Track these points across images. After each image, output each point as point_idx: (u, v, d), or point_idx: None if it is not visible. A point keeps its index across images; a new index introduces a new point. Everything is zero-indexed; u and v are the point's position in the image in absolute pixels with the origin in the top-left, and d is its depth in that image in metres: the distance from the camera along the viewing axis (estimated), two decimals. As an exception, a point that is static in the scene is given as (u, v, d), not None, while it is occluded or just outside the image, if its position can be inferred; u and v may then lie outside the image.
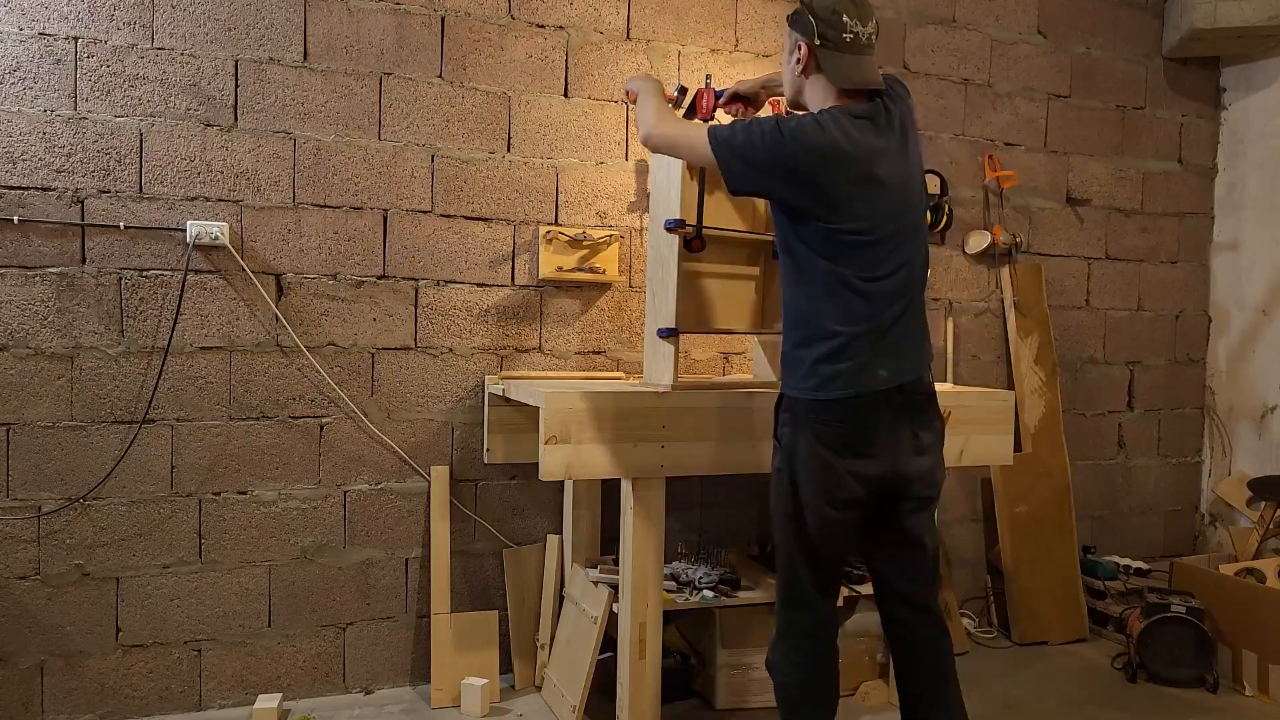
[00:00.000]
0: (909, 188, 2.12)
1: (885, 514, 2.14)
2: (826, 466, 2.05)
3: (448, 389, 3.06)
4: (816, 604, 2.17)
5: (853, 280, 2.04)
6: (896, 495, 2.11)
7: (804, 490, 2.08)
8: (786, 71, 2.19)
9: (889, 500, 2.12)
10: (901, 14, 3.63)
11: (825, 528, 2.09)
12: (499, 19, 3.08)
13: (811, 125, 2.01)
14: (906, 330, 2.10)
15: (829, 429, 2.04)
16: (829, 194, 2.02)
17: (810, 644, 2.18)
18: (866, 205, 2.03)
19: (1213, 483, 4.19)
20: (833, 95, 2.09)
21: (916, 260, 2.13)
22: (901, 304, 2.08)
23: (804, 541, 2.12)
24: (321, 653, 2.96)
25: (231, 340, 2.84)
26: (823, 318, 2.06)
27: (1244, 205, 4.10)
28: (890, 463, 2.07)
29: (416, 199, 3.01)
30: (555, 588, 3.06)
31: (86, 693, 2.72)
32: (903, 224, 2.09)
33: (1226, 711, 3.03)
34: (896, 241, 2.07)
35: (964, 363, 3.76)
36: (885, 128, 2.07)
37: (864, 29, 2.05)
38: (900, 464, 2.08)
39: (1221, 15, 3.75)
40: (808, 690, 2.16)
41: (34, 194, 2.64)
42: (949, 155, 3.72)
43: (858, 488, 2.06)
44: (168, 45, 2.74)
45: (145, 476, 2.76)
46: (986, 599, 3.78)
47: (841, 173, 2.01)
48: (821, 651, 2.18)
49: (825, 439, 2.05)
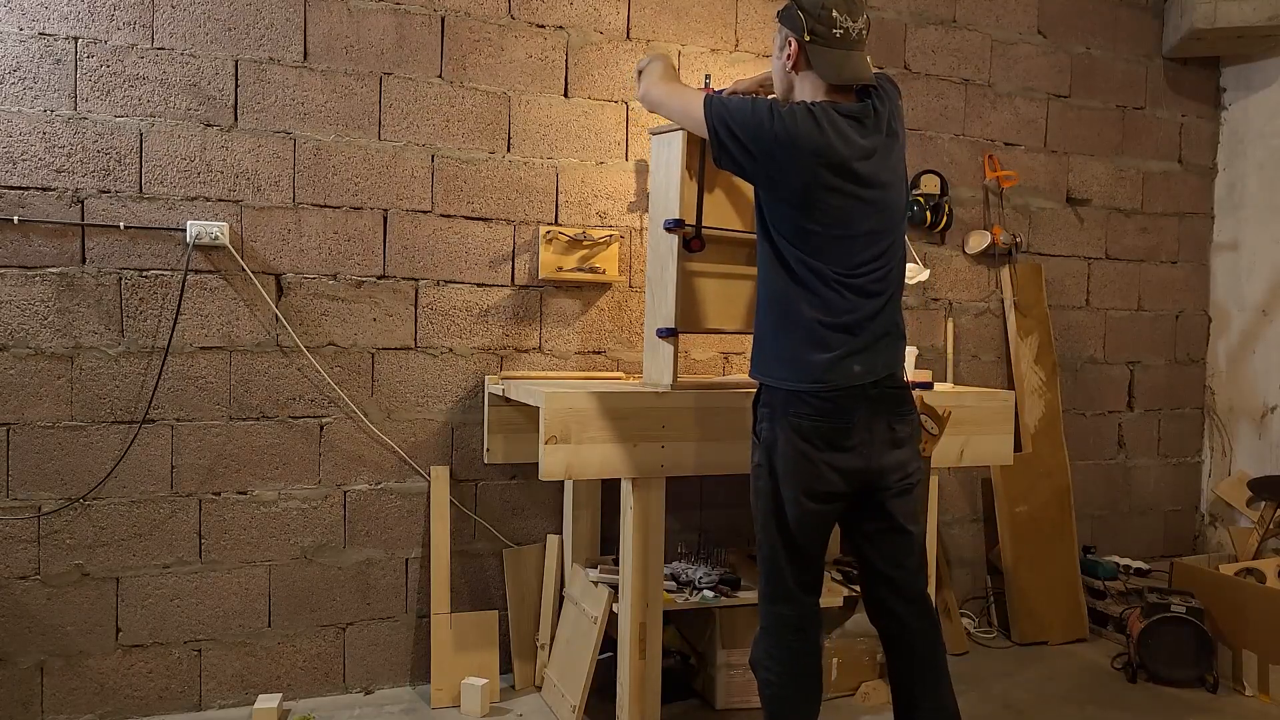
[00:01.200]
0: (890, 187, 2.13)
1: (867, 504, 2.15)
2: (805, 459, 2.06)
3: (448, 389, 3.06)
4: (799, 599, 2.17)
5: (828, 274, 2.06)
6: (875, 487, 2.13)
7: (784, 484, 2.09)
8: (776, 67, 2.20)
9: (869, 491, 2.13)
10: (901, 14, 3.63)
11: (805, 521, 2.10)
12: (499, 19, 3.08)
13: (804, 117, 2.02)
14: (882, 327, 2.11)
15: (807, 422, 2.06)
16: (807, 188, 2.03)
17: (794, 639, 2.17)
18: (844, 202, 2.05)
19: (1213, 483, 4.19)
20: (822, 90, 2.11)
21: (894, 258, 2.15)
22: (878, 301, 2.10)
23: (785, 535, 2.13)
24: (321, 653, 2.96)
25: (231, 340, 2.84)
26: (799, 306, 2.08)
27: (1244, 205, 4.10)
28: (867, 456, 2.08)
29: (416, 199, 3.01)
30: (555, 588, 3.06)
31: (86, 693, 2.72)
32: (881, 223, 2.10)
33: (1226, 711, 3.03)
34: (874, 239, 2.09)
35: (964, 363, 3.76)
36: (873, 129, 2.08)
37: (854, 24, 2.06)
38: (877, 458, 2.09)
39: (1221, 15, 3.75)
40: (792, 687, 2.15)
41: (34, 194, 2.64)
42: (949, 155, 3.72)
43: (837, 480, 2.08)
44: (168, 45, 2.75)
45: (145, 476, 2.76)
46: (986, 599, 3.78)
47: (824, 169, 2.02)
48: (806, 648, 2.18)
49: (803, 432, 2.06)
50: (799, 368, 2.07)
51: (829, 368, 2.05)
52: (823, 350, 2.05)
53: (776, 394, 2.12)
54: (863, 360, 2.07)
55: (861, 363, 2.07)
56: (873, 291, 2.09)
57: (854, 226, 2.06)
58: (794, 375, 2.08)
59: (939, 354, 3.65)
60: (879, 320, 2.10)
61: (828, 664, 2.99)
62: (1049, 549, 3.66)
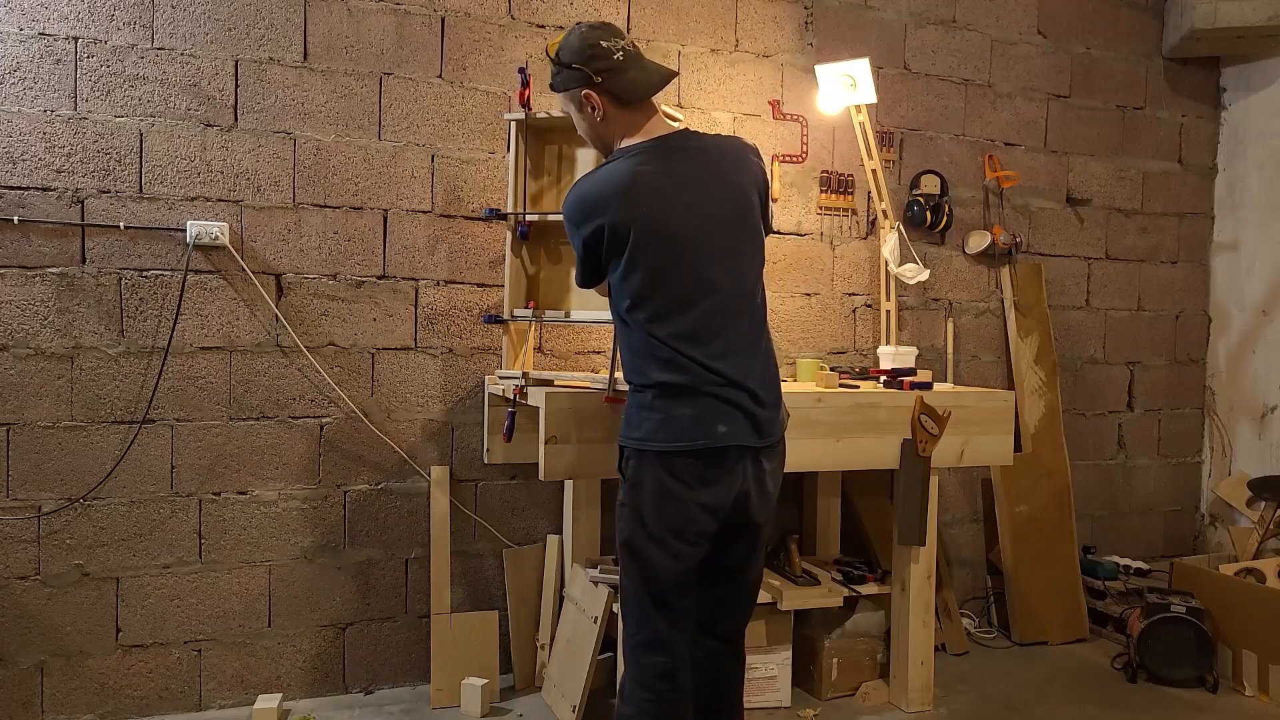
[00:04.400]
0: (714, 218, 1.95)
1: (719, 546, 2.04)
2: (675, 499, 1.92)
3: (448, 389, 3.06)
4: (669, 644, 2.00)
5: (665, 338, 1.91)
6: (737, 524, 2.02)
7: (650, 524, 1.94)
8: (589, 131, 2.06)
9: (729, 530, 2.02)
10: (901, 14, 3.63)
11: (673, 562, 1.96)
12: (499, 19, 3.08)
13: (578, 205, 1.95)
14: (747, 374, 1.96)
15: (678, 459, 1.91)
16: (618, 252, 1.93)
17: (667, 689, 2.00)
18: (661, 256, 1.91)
19: (1213, 483, 4.19)
20: (637, 122, 1.98)
21: (737, 291, 1.97)
22: (727, 345, 1.94)
23: (648, 578, 1.97)
24: (321, 653, 2.96)
25: (231, 340, 2.84)
26: (647, 365, 1.95)
27: (1244, 205, 4.10)
28: (735, 489, 1.96)
29: (416, 199, 3.01)
30: (555, 588, 3.06)
31: (86, 693, 2.72)
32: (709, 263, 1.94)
33: (1226, 711, 3.03)
34: (698, 286, 1.93)
35: (964, 363, 3.77)
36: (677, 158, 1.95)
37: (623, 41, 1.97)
38: (745, 488, 1.97)
39: (1221, 15, 3.76)
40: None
41: (34, 194, 2.64)
42: (949, 155, 3.72)
43: (707, 519, 1.95)
44: (168, 45, 2.75)
45: (145, 476, 2.76)
46: (986, 599, 3.78)
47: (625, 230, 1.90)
48: (681, 697, 2.01)
49: (673, 470, 1.91)
50: (654, 425, 1.98)
51: (689, 426, 1.95)
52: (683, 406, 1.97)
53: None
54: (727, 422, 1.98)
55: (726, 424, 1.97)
56: (717, 338, 1.98)
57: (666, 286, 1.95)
58: (652, 433, 1.97)
59: (939, 354, 3.65)
60: (737, 365, 2.00)
61: (828, 664, 2.99)
62: (1049, 549, 3.66)
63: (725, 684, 2.16)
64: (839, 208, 3.56)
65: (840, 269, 3.56)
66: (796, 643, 2.99)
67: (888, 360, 3.28)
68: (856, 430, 2.75)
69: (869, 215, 3.60)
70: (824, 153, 3.53)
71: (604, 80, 1.94)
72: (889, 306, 3.50)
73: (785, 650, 2.95)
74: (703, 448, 1.91)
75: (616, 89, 1.95)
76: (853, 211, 3.58)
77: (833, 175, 3.54)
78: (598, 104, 1.97)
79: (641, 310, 1.94)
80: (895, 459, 2.82)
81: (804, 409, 2.65)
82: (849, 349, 3.59)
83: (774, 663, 2.93)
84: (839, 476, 3.40)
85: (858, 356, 3.58)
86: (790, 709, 2.93)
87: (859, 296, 3.60)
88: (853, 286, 3.59)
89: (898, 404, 2.80)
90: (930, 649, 2.96)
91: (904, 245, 3.39)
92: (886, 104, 3.59)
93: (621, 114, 1.98)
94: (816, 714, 2.90)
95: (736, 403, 1.94)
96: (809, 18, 3.49)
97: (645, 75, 1.98)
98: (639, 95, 1.97)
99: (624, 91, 1.95)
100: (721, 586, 2.11)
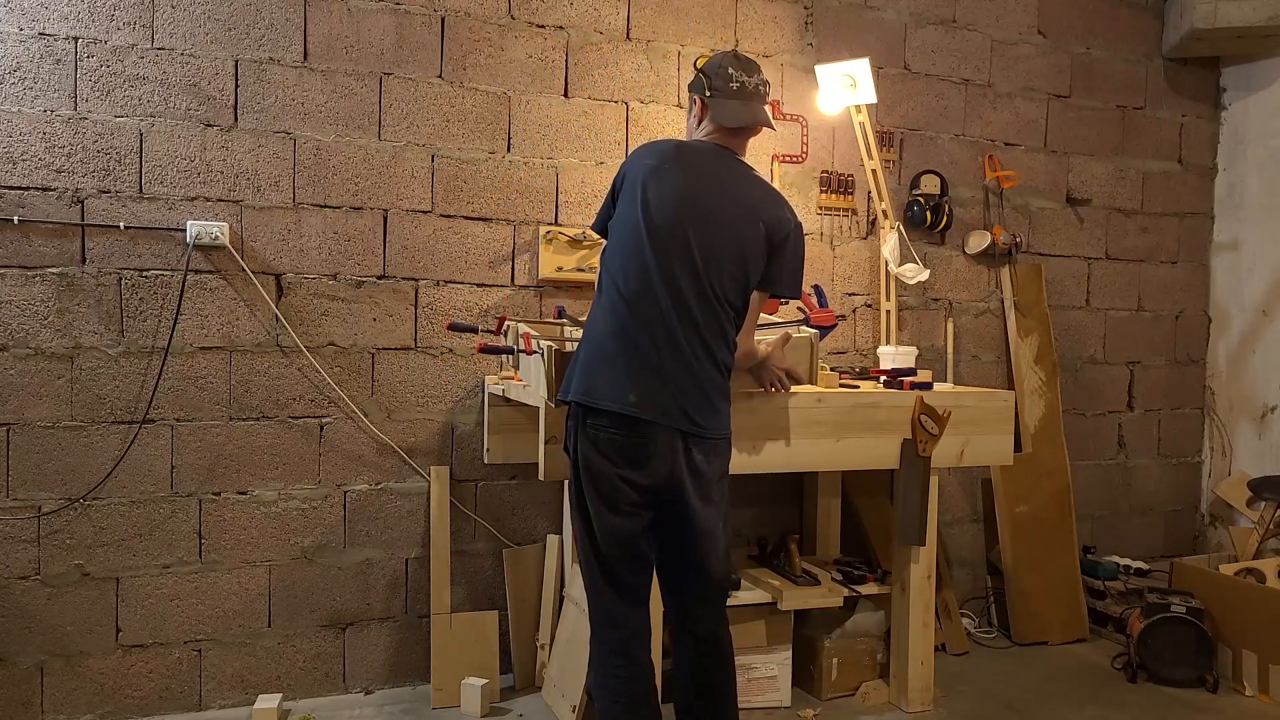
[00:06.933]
0: (715, 230, 2.13)
1: (668, 510, 2.13)
2: (603, 475, 2.06)
3: (448, 389, 3.06)
4: (623, 618, 2.12)
5: (618, 281, 2.12)
6: (675, 497, 2.11)
7: (589, 498, 2.09)
8: (687, 126, 2.37)
9: (669, 502, 2.11)
10: (901, 14, 3.63)
11: (612, 535, 2.08)
12: (499, 19, 3.08)
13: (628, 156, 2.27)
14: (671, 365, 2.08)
15: (603, 434, 2.06)
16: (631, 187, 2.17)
17: (621, 666, 2.11)
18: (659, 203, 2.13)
19: (1213, 483, 4.19)
20: (718, 140, 2.26)
21: (695, 302, 2.10)
22: (663, 334, 2.08)
23: (596, 551, 2.11)
24: (321, 653, 2.96)
25: (231, 340, 2.84)
26: (594, 314, 2.18)
27: (1244, 205, 4.10)
28: (666, 471, 2.07)
29: (416, 199, 3.01)
30: (555, 588, 3.06)
31: (86, 693, 2.72)
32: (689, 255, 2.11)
33: (1226, 711, 3.03)
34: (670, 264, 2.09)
35: (964, 363, 3.77)
36: (723, 172, 2.20)
37: (749, 79, 2.24)
38: (676, 471, 2.08)
39: (1221, 15, 3.76)
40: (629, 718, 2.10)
41: (34, 194, 2.64)
42: (949, 155, 3.72)
43: (633, 494, 2.06)
44: (168, 45, 2.75)
45: (145, 476, 2.76)
46: (986, 599, 3.78)
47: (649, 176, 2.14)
48: (635, 672, 2.12)
49: (600, 446, 2.06)
50: (583, 381, 2.17)
51: (610, 386, 2.14)
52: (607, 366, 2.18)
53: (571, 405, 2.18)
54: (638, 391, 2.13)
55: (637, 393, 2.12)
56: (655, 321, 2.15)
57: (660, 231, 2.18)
58: (580, 389, 2.15)
59: (939, 354, 3.65)
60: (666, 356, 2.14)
61: (828, 664, 2.99)
62: (1049, 549, 3.66)
63: (704, 685, 2.21)
64: (839, 208, 3.56)
65: (840, 269, 3.56)
66: (796, 643, 2.99)
67: (888, 360, 3.28)
68: (856, 430, 2.75)
69: (869, 215, 3.60)
70: (824, 153, 3.53)
71: (712, 96, 2.24)
72: (889, 306, 3.50)
73: (785, 650, 2.95)
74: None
75: (715, 107, 2.25)
76: (853, 211, 3.58)
77: (833, 175, 3.54)
78: (698, 111, 2.30)
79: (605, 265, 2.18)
80: (895, 459, 2.82)
81: (804, 409, 2.65)
82: (849, 349, 3.59)
83: (774, 663, 2.93)
84: (839, 476, 3.40)
85: (858, 356, 3.58)
86: (790, 709, 2.93)
87: (859, 296, 3.60)
88: (853, 286, 3.59)
89: (898, 404, 2.80)
90: (930, 649, 2.96)
91: (904, 245, 3.39)
92: (886, 104, 3.59)
93: (712, 130, 2.26)
94: (816, 714, 2.90)
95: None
96: (809, 18, 3.49)
97: (743, 110, 2.24)
98: (727, 120, 2.24)
99: (718, 111, 2.25)
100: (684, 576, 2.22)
